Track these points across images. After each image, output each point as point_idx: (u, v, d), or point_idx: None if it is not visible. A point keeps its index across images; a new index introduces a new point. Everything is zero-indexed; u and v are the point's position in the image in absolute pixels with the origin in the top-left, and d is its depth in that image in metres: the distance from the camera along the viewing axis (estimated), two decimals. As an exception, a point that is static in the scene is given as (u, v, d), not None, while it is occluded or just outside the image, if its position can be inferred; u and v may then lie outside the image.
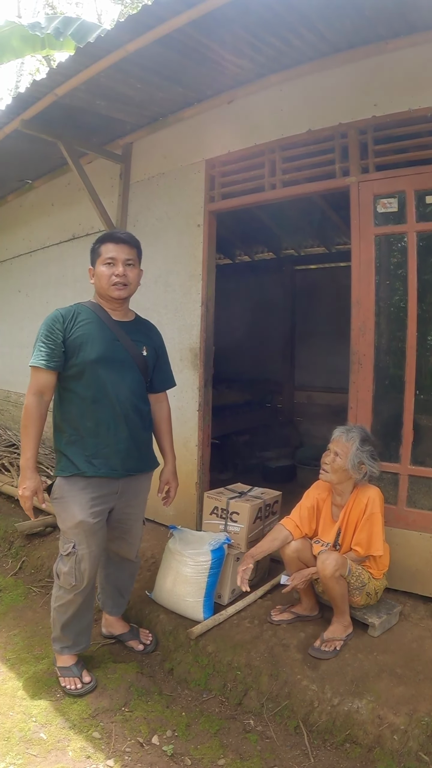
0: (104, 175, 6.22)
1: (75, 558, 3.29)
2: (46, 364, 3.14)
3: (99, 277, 3.33)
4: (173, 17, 3.62)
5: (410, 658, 3.38)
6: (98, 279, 3.34)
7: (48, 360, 3.13)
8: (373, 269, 4.17)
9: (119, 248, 3.33)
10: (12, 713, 3.15)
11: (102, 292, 3.37)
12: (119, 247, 3.33)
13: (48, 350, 3.14)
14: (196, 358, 5.27)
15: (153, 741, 3.01)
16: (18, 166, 6.92)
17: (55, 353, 3.15)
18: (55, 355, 3.15)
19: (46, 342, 3.15)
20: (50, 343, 3.15)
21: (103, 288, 3.33)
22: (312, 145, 4.51)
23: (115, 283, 3.30)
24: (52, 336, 3.16)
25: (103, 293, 3.36)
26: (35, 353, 3.16)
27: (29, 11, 23.48)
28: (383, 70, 4.07)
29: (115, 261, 3.30)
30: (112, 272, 3.29)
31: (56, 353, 3.16)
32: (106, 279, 3.30)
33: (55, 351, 3.15)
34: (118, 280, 3.30)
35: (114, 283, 3.30)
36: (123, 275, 3.30)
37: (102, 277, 3.31)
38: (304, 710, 3.15)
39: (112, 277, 3.29)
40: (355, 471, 3.60)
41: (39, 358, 3.14)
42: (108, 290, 3.32)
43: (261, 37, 3.99)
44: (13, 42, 6.69)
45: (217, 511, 4.42)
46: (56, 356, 3.16)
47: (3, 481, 6.45)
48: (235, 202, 5.07)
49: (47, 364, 3.14)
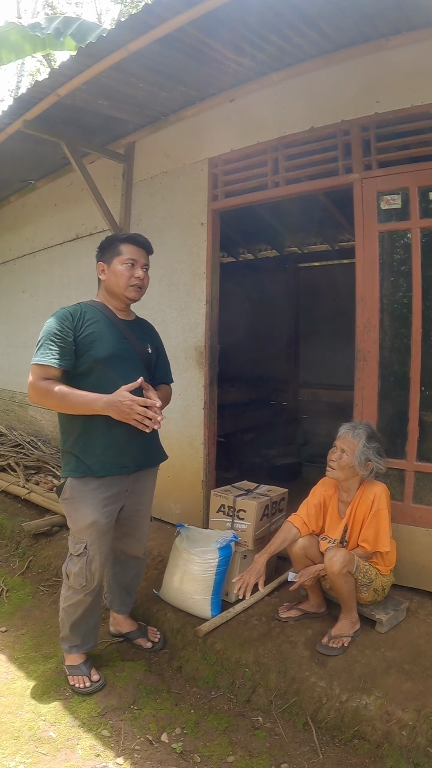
0: (107, 175, 6.23)
1: (86, 558, 3.29)
2: (58, 363, 3.08)
3: (117, 275, 3.32)
4: (174, 16, 3.63)
5: (418, 654, 3.38)
6: (115, 277, 3.33)
7: (60, 358, 3.08)
8: (377, 266, 4.17)
9: (140, 252, 3.37)
10: (21, 712, 3.17)
11: (117, 290, 3.36)
12: (140, 251, 3.37)
13: (58, 348, 3.09)
14: (201, 357, 5.28)
15: (162, 739, 3.02)
16: (21, 166, 6.93)
17: (66, 351, 3.11)
18: (66, 354, 3.11)
19: (56, 340, 3.10)
20: (60, 341, 3.10)
21: (120, 287, 3.33)
22: (314, 142, 4.51)
23: (133, 284, 3.33)
24: (62, 334, 3.12)
25: (119, 292, 3.36)
26: (42, 351, 3.09)
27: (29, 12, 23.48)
28: (385, 68, 4.07)
29: (135, 263, 3.33)
30: (132, 273, 3.31)
31: (67, 351, 3.11)
32: (125, 279, 3.31)
33: (66, 349, 3.11)
34: (137, 283, 3.33)
35: (133, 284, 3.32)
36: (142, 279, 3.34)
37: (121, 276, 3.31)
38: (312, 707, 3.15)
39: (132, 279, 3.31)
40: (361, 468, 3.60)
41: (50, 356, 3.07)
42: (125, 290, 3.33)
43: (262, 36, 3.99)
44: (13, 43, 6.68)
45: (224, 509, 4.43)
46: (67, 354, 3.11)
47: (9, 481, 6.45)
48: (238, 201, 5.08)
49: (59, 363, 3.08)
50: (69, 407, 3.12)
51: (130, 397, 3.03)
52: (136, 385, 3.08)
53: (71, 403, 3.08)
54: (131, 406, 3.03)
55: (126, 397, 3.03)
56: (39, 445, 7.47)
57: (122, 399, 3.02)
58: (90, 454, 3.24)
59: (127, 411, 3.03)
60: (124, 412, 3.04)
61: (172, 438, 5.21)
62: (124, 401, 3.02)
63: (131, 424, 3.09)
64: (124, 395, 3.03)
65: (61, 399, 3.06)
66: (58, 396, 3.04)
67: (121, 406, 3.02)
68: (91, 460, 3.23)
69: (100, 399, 3.05)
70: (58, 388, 3.04)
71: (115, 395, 3.04)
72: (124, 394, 3.03)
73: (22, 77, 23.52)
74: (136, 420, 3.07)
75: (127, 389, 3.05)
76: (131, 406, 3.03)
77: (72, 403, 3.08)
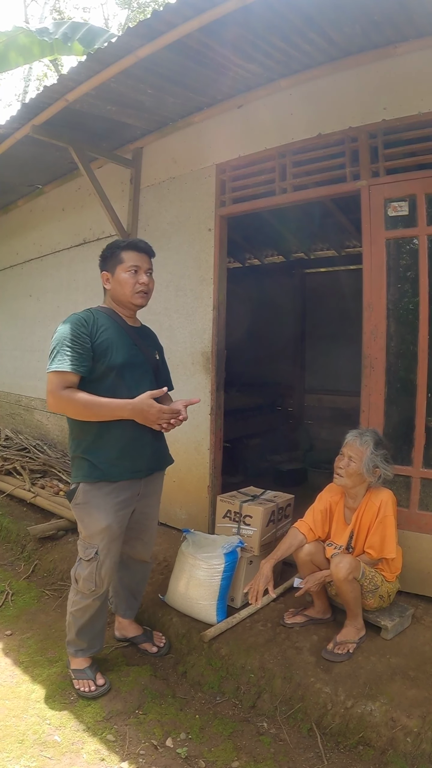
0: (114, 180, 6.25)
1: (96, 563, 3.30)
2: (77, 369, 3.06)
3: (122, 283, 3.33)
4: (183, 23, 3.64)
5: (423, 661, 3.37)
6: (120, 285, 3.34)
7: (78, 365, 3.07)
8: (385, 273, 4.17)
9: (142, 257, 3.36)
10: (26, 716, 3.17)
11: (124, 298, 3.37)
12: (142, 256, 3.37)
13: (76, 354, 3.07)
14: (208, 362, 5.28)
15: (167, 743, 3.03)
16: (28, 171, 6.95)
17: (84, 357, 3.10)
18: (84, 360, 3.10)
19: (73, 346, 3.08)
20: (77, 347, 3.09)
21: (126, 295, 3.34)
22: (322, 149, 4.52)
23: (139, 291, 3.33)
24: (79, 340, 3.11)
25: (125, 300, 3.37)
26: (59, 358, 3.07)
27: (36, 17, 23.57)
28: (392, 74, 4.08)
29: (138, 269, 3.33)
30: (137, 280, 3.32)
31: (85, 357, 3.11)
32: (130, 286, 3.32)
33: (84, 355, 3.10)
34: (142, 288, 3.34)
35: (138, 290, 3.33)
36: (146, 284, 3.35)
37: (126, 284, 3.32)
38: (317, 713, 3.15)
39: (137, 285, 3.32)
40: (369, 474, 3.60)
41: (68, 363, 3.05)
42: (131, 297, 3.34)
43: (270, 42, 4.00)
44: (21, 47, 6.72)
45: (230, 515, 4.43)
46: (85, 360, 3.11)
47: (15, 485, 6.46)
48: (245, 207, 5.09)
49: (77, 369, 3.07)
50: (93, 414, 3.13)
51: (158, 407, 3.10)
52: (160, 393, 3.14)
53: (96, 410, 3.10)
54: (159, 416, 3.11)
55: (152, 406, 3.09)
56: (45, 449, 7.47)
57: (148, 408, 3.09)
58: (104, 458, 3.24)
59: (153, 420, 3.12)
60: (150, 420, 3.12)
61: (179, 443, 5.21)
62: (151, 410, 3.09)
63: (154, 428, 3.19)
64: (149, 404, 3.09)
65: (85, 406, 3.07)
66: (81, 404, 3.06)
67: (148, 414, 3.10)
68: (105, 465, 3.23)
69: (126, 405, 3.09)
70: (80, 396, 3.06)
71: (141, 402, 3.09)
72: (149, 402, 3.09)
73: (30, 82, 23.59)
74: (161, 427, 3.18)
75: (151, 396, 3.10)
76: (159, 415, 3.11)
77: (97, 410, 3.10)
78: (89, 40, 6.52)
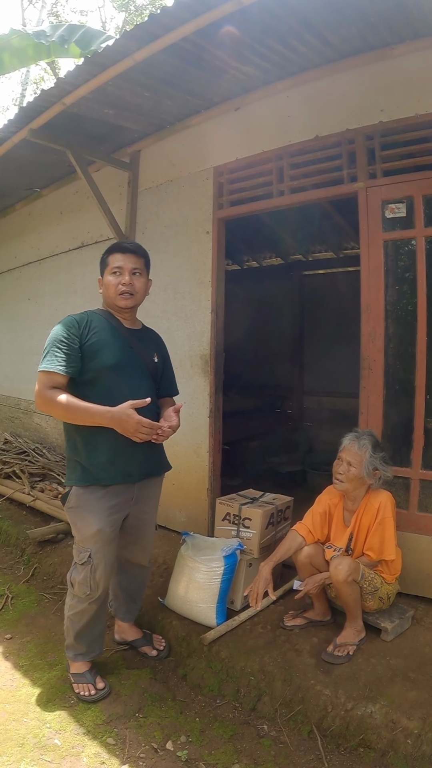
0: (112, 183, 6.26)
1: (91, 567, 3.29)
2: (64, 369, 3.07)
3: (106, 286, 3.35)
4: (180, 26, 3.65)
5: (423, 662, 3.37)
6: (106, 288, 3.36)
7: (66, 365, 3.08)
8: (382, 275, 4.18)
9: (126, 258, 3.34)
10: (26, 719, 3.17)
11: (109, 301, 3.38)
12: (126, 256, 3.35)
13: (64, 355, 3.09)
14: (206, 365, 5.29)
15: (167, 746, 3.02)
16: (26, 174, 6.96)
17: (72, 358, 3.11)
18: (72, 361, 3.10)
19: (61, 347, 3.10)
20: (66, 348, 3.10)
21: (111, 297, 3.35)
22: (319, 151, 4.53)
23: (122, 292, 3.31)
24: (68, 341, 3.12)
25: (111, 302, 3.38)
26: (48, 358, 3.09)
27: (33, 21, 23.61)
28: (389, 76, 4.09)
29: (121, 270, 3.32)
30: (119, 281, 3.31)
31: (73, 358, 3.11)
32: (113, 288, 3.32)
33: (72, 356, 3.11)
34: (125, 290, 3.31)
35: (121, 292, 3.31)
36: (129, 284, 3.32)
37: (109, 287, 3.33)
38: (317, 715, 3.15)
39: (119, 287, 3.31)
40: (369, 477, 3.60)
41: (56, 363, 3.07)
42: (115, 299, 3.34)
43: (266, 45, 4.01)
44: (17, 50, 6.71)
45: (230, 517, 4.44)
46: (73, 361, 3.11)
47: (14, 488, 6.46)
48: (243, 209, 5.10)
49: (65, 369, 3.07)
50: (74, 418, 3.13)
51: (137, 419, 3.04)
52: (142, 403, 3.07)
53: (76, 414, 3.08)
54: (137, 428, 3.06)
55: (131, 417, 3.04)
56: (44, 453, 7.47)
57: (126, 419, 3.04)
58: (95, 462, 3.24)
59: (131, 431, 3.07)
60: (128, 431, 3.07)
61: (178, 446, 5.21)
62: (129, 421, 3.04)
63: (134, 440, 3.12)
64: (129, 414, 3.04)
65: (66, 409, 3.06)
66: (63, 406, 3.04)
67: (126, 426, 3.05)
68: (97, 469, 3.23)
69: (105, 413, 3.04)
70: (63, 398, 3.04)
71: (120, 412, 3.04)
72: (129, 413, 3.04)
73: (27, 85, 23.60)
74: (140, 438, 3.11)
75: (132, 406, 3.05)
76: (137, 428, 3.06)
77: (77, 414, 3.08)
78: (86, 43, 6.52)
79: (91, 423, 3.11)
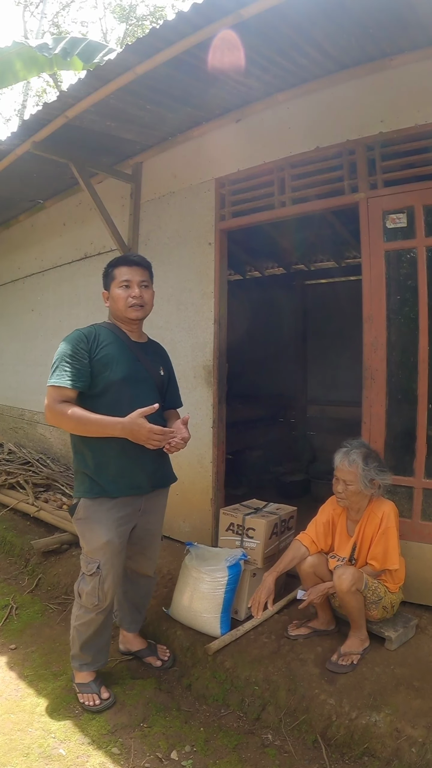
0: (115, 195, 6.30)
1: (99, 578, 3.30)
2: (73, 384, 3.09)
3: (115, 299, 3.36)
4: (181, 39, 3.69)
5: (427, 671, 3.37)
6: (114, 301, 3.37)
7: (75, 380, 3.10)
8: (384, 285, 4.19)
9: (133, 270, 3.37)
10: (31, 729, 3.17)
11: (119, 314, 3.39)
12: (133, 269, 3.37)
13: (74, 370, 3.11)
14: (209, 376, 5.30)
15: (172, 756, 3.02)
16: (29, 186, 7.01)
17: (82, 373, 3.13)
18: (82, 375, 3.12)
19: (71, 362, 3.12)
20: (76, 363, 3.12)
21: (120, 310, 3.36)
22: (320, 162, 4.56)
23: (132, 304, 3.33)
24: (77, 356, 3.14)
25: (121, 315, 3.39)
26: (58, 373, 3.10)
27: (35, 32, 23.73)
28: (388, 87, 4.12)
29: (130, 283, 3.34)
30: (129, 294, 3.33)
31: (83, 373, 3.13)
32: (123, 301, 3.33)
33: (82, 371, 3.13)
34: (135, 302, 3.33)
35: (131, 304, 3.33)
36: (139, 296, 3.34)
37: (119, 300, 3.34)
38: (322, 724, 3.15)
39: (129, 299, 3.32)
40: (369, 489, 3.60)
41: (65, 378, 3.08)
42: (126, 312, 3.35)
43: (267, 57, 4.05)
44: (21, 63, 6.77)
45: (233, 528, 4.44)
46: (83, 376, 3.13)
47: (18, 498, 6.47)
48: (245, 220, 5.12)
49: (74, 384, 3.09)
50: (85, 430, 3.14)
51: (148, 427, 3.05)
52: (150, 410, 3.07)
53: (87, 426, 3.10)
54: (149, 436, 3.07)
55: (143, 426, 3.04)
56: (48, 463, 7.49)
57: (138, 428, 3.04)
58: (104, 474, 3.25)
59: (143, 439, 3.07)
60: (140, 440, 3.08)
61: (182, 456, 5.17)
62: (141, 430, 3.04)
63: (147, 447, 3.13)
64: (140, 423, 3.04)
65: (77, 422, 3.08)
66: (74, 419, 3.06)
67: (138, 434, 3.06)
68: (106, 481, 3.24)
69: (116, 424, 3.06)
70: (73, 411, 3.06)
71: (131, 422, 3.04)
72: (140, 422, 3.04)
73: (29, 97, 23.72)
74: (153, 446, 3.12)
75: (141, 414, 3.05)
76: (149, 435, 3.07)
77: (88, 426, 3.10)
78: (88, 55, 6.57)
79: (102, 434, 3.12)
